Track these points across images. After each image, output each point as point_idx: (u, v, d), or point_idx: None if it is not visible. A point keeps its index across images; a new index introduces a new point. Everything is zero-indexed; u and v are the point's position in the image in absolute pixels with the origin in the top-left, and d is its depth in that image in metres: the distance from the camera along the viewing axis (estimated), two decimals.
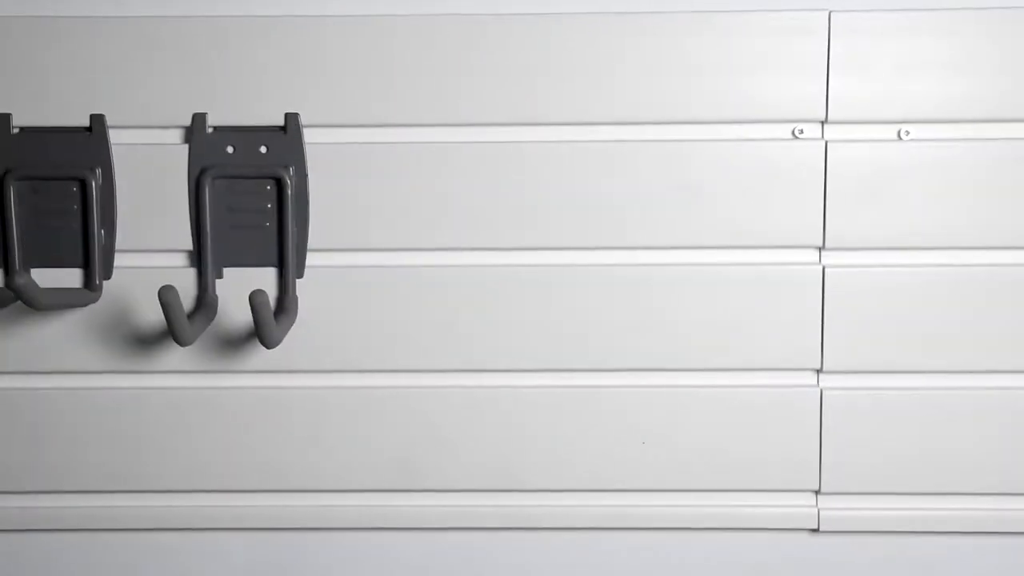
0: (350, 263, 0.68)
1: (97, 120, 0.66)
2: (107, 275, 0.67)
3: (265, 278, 0.67)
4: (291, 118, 0.66)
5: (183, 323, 0.60)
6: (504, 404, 0.69)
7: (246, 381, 0.69)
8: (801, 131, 0.66)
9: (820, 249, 0.67)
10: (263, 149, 0.66)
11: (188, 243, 0.67)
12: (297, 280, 0.67)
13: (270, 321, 0.60)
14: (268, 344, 0.62)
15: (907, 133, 0.66)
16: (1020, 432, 0.68)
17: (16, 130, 0.66)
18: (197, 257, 0.67)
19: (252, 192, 0.67)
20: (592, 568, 0.71)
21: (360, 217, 0.67)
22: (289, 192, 0.66)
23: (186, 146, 0.66)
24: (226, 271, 0.67)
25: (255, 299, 0.58)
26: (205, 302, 0.66)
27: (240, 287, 0.67)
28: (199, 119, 0.66)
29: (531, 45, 0.65)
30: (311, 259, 0.67)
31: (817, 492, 0.69)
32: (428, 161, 0.66)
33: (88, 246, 0.66)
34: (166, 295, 0.58)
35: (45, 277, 0.67)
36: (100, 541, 0.71)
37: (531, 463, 0.69)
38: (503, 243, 0.67)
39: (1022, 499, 0.69)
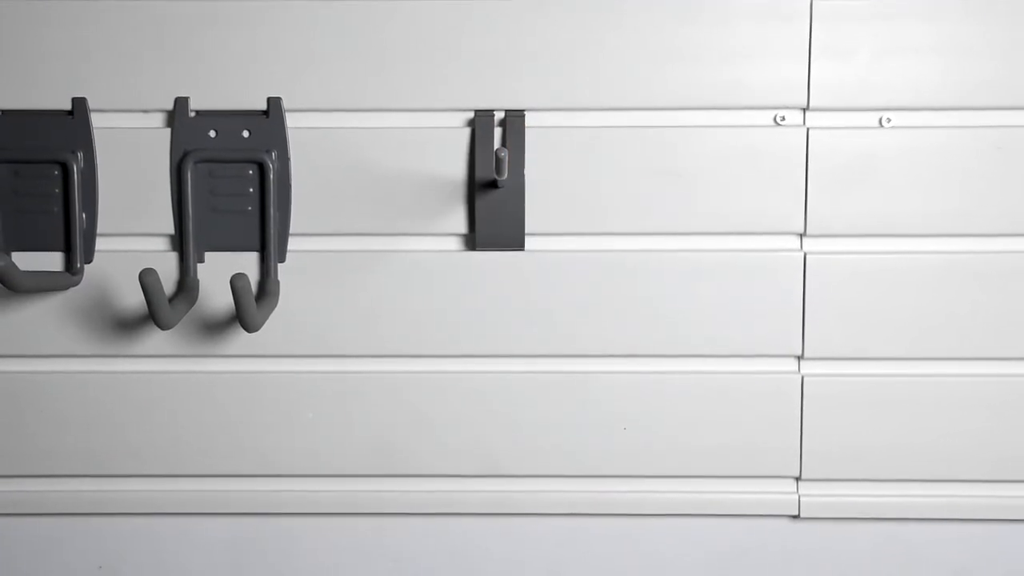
0: (332, 248, 0.67)
1: (79, 104, 0.66)
2: (88, 258, 0.67)
3: (247, 262, 0.67)
4: (274, 102, 0.66)
5: (164, 307, 0.60)
6: (487, 390, 0.69)
7: (227, 365, 0.68)
8: (783, 118, 0.66)
9: (802, 236, 0.67)
10: (245, 133, 0.66)
11: (170, 227, 0.67)
12: (279, 264, 0.67)
13: (251, 305, 0.60)
14: (249, 328, 0.62)
15: (888, 120, 0.66)
16: (1002, 419, 0.68)
17: None
18: (179, 241, 0.67)
19: (234, 176, 0.66)
20: (573, 554, 0.71)
21: (342, 202, 0.67)
22: (271, 176, 0.66)
23: (168, 130, 0.66)
24: (208, 255, 0.67)
25: (236, 283, 0.58)
26: (186, 286, 0.66)
27: (222, 271, 0.67)
28: (181, 103, 0.66)
29: (516, 30, 0.66)
30: (293, 243, 0.67)
31: (798, 479, 0.69)
32: (411, 146, 0.66)
33: (69, 229, 0.66)
34: (147, 278, 0.58)
35: (26, 260, 0.67)
36: (79, 525, 0.71)
37: (513, 449, 0.69)
38: None
39: (1003, 486, 0.69)
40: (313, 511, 0.70)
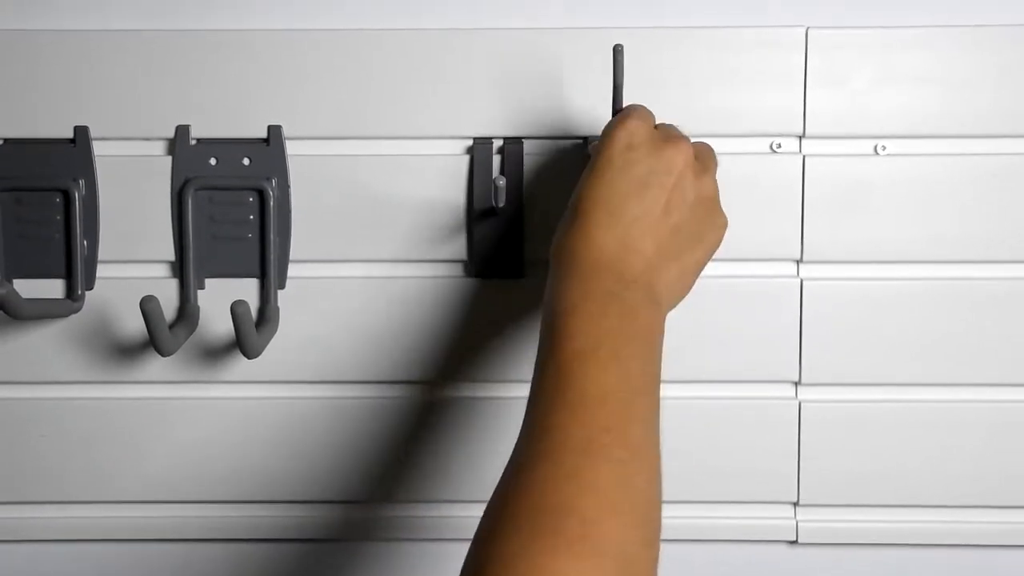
0: (332, 274, 0.68)
1: (81, 132, 0.67)
2: (89, 285, 0.67)
3: (247, 289, 0.68)
4: (274, 130, 0.67)
5: (164, 333, 0.61)
6: (487, 416, 0.69)
7: (227, 391, 0.69)
8: (779, 145, 0.67)
9: (798, 262, 0.68)
10: (246, 161, 0.67)
11: (170, 254, 0.67)
12: (279, 291, 0.68)
13: (251, 332, 0.61)
14: (249, 354, 0.62)
15: (883, 148, 0.67)
16: (1000, 444, 0.68)
17: (0, 142, 0.67)
18: (179, 268, 0.67)
19: (235, 203, 0.67)
20: None
21: (341, 228, 0.67)
22: (271, 204, 0.66)
23: (169, 158, 0.67)
24: (208, 282, 0.68)
25: (236, 310, 0.59)
26: (187, 312, 0.67)
27: (222, 298, 0.67)
28: (182, 131, 0.67)
29: (510, 58, 0.66)
30: (293, 270, 0.68)
31: (796, 504, 0.70)
32: (410, 174, 0.67)
33: (71, 256, 0.67)
34: (147, 306, 0.59)
35: (27, 286, 0.67)
36: (79, 552, 0.71)
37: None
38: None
39: (1002, 511, 0.69)
40: (313, 537, 0.70)
